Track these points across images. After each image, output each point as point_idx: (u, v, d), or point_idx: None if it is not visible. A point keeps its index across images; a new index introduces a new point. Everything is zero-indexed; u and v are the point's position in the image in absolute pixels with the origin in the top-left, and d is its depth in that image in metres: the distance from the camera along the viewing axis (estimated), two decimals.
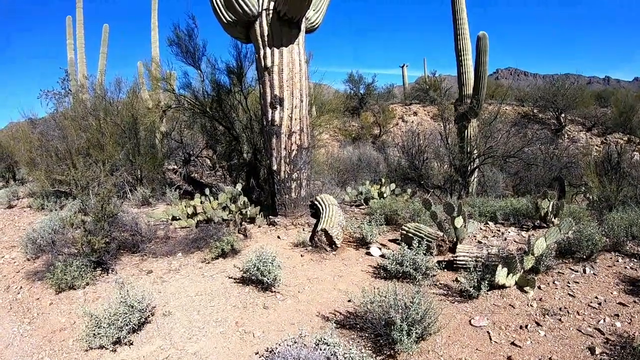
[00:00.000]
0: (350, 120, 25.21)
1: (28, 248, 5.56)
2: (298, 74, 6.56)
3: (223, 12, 6.55)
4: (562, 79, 24.54)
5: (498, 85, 30.98)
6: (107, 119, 9.60)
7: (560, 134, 21.56)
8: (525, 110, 24.46)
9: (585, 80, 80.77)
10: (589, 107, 23.50)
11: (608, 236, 5.30)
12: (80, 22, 19.05)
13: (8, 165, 12.83)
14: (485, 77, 10.72)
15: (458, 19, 11.42)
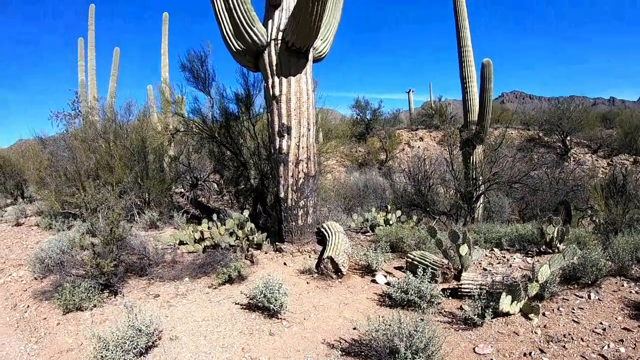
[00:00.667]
0: (356, 146, 25.42)
1: (36, 267, 5.63)
2: (305, 103, 6.71)
3: (233, 41, 6.73)
4: (567, 101, 24.68)
5: (503, 110, 31.20)
6: (117, 141, 9.76)
7: (566, 157, 21.56)
8: (531, 134, 24.54)
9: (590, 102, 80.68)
10: (594, 129, 23.51)
11: (613, 260, 5.29)
12: (91, 44, 19.57)
13: (17, 183, 13.01)
14: (490, 104, 10.86)
15: (463, 47, 11.63)
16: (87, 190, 8.08)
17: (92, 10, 19.77)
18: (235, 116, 9.55)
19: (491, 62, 10.67)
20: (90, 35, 19.63)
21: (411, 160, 11.75)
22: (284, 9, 6.69)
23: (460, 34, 11.62)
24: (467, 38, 11.57)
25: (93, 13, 19.82)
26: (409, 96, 34.46)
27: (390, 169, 20.44)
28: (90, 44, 19.56)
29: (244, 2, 6.44)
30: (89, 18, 19.65)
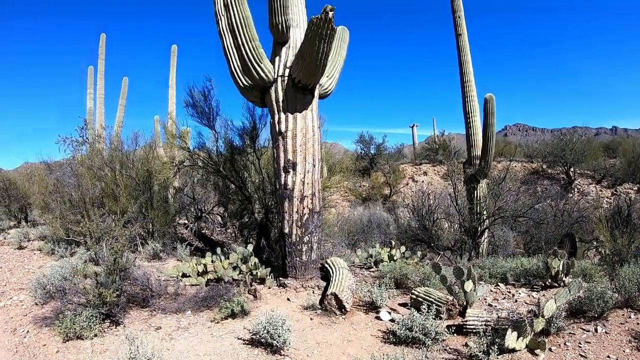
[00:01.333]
0: (360, 181, 25.49)
1: (37, 292, 5.63)
2: (311, 140, 6.81)
3: (240, 77, 6.88)
4: (570, 132, 24.82)
5: (507, 143, 31.36)
6: (123, 171, 9.87)
7: (570, 188, 21.52)
8: (535, 167, 24.58)
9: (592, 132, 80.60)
10: (597, 159, 23.52)
11: (619, 292, 5.25)
12: (101, 73, 19.99)
13: (21, 206, 13.06)
14: (493, 139, 10.95)
15: (465, 82, 11.82)
16: (91, 218, 8.12)
17: (102, 39, 20.28)
18: (240, 150, 9.66)
19: (494, 97, 10.81)
20: (100, 64, 20.08)
21: (415, 194, 11.75)
22: (291, 47, 6.87)
23: (463, 69, 11.82)
24: (469, 73, 11.75)
25: (104, 42, 20.32)
26: (412, 131, 34.75)
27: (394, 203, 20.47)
28: (100, 73, 19.99)
29: (252, 39, 6.63)
30: (100, 47, 20.15)
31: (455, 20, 11.96)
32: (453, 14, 12.01)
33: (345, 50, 7.62)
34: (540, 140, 31.34)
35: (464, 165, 12.19)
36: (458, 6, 11.95)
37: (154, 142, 13.87)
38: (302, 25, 7.06)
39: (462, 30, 11.82)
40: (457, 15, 11.91)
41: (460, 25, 11.86)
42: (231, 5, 6.68)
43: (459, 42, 11.89)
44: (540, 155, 24.68)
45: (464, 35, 11.79)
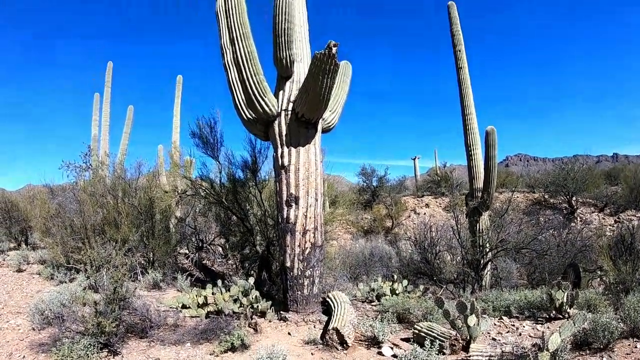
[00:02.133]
0: (362, 213, 25.50)
1: (35, 318, 5.58)
2: (314, 174, 6.86)
3: (244, 110, 6.97)
4: (571, 161, 24.77)
5: (508, 174, 31.40)
6: (125, 199, 9.89)
7: (573, 217, 21.46)
8: (537, 197, 24.54)
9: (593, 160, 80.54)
10: (599, 187, 23.46)
11: (625, 322, 5.22)
12: (107, 100, 20.21)
13: (22, 229, 13.03)
14: (494, 171, 11.01)
15: (466, 115, 11.95)
16: (92, 245, 8.10)
17: (109, 67, 20.57)
18: (243, 182, 9.72)
19: (495, 130, 10.90)
20: (106, 92, 20.31)
21: (417, 227, 11.74)
22: (295, 81, 7.00)
23: (464, 102, 11.95)
24: (470, 105, 11.88)
25: (110, 70, 20.60)
26: (414, 163, 34.84)
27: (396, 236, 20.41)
28: (106, 100, 20.20)
29: (257, 73, 6.75)
30: (106, 74, 20.43)
31: (455, 54, 12.18)
32: (454, 47, 12.23)
33: (347, 85, 7.76)
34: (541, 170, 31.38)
35: (466, 197, 12.20)
36: (458, 40, 12.19)
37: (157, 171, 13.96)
38: (306, 59, 7.22)
39: (462, 64, 12.02)
40: (457, 49, 12.13)
41: (460, 58, 12.06)
42: (237, 40, 6.85)
43: (460, 75, 12.06)
44: (542, 185, 24.66)
45: (464, 69, 11.97)
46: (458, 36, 12.22)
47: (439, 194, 27.34)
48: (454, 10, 12.40)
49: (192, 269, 10.80)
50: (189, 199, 11.14)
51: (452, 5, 12.43)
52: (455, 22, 12.31)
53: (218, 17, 7.30)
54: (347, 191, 27.88)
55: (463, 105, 11.97)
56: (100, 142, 19.72)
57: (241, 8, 6.94)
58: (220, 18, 7.21)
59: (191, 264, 11.31)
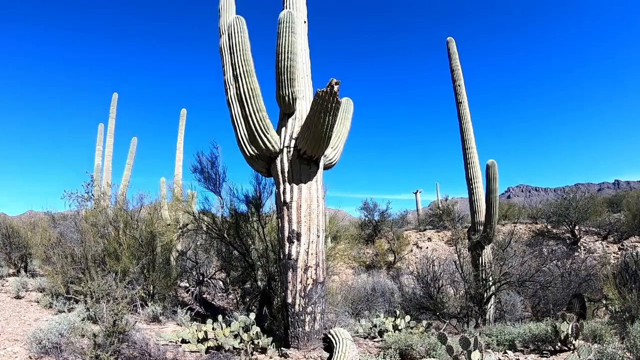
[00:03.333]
0: (364, 248, 25.44)
1: (33, 346, 5.51)
2: (315, 210, 6.87)
3: (247, 146, 7.03)
4: (573, 190, 24.83)
5: (510, 205, 31.39)
6: (126, 230, 9.89)
7: (576, 246, 21.35)
8: (539, 228, 24.46)
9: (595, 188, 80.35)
10: (602, 215, 23.40)
11: (631, 351, 5.14)
12: (111, 131, 20.37)
13: (22, 255, 12.97)
14: (496, 204, 11.00)
15: (467, 149, 12.02)
16: (93, 276, 8.05)
17: (114, 98, 20.81)
18: (245, 217, 9.74)
19: (495, 163, 10.95)
20: (110, 123, 20.47)
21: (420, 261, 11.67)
22: (297, 118, 7.08)
23: (464, 136, 12.04)
24: (471, 140, 11.96)
25: (115, 101, 20.83)
26: (416, 197, 34.94)
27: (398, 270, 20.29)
28: (110, 131, 20.33)
29: (260, 110, 6.84)
30: (111, 105, 20.64)
31: (455, 89, 12.33)
32: (453, 82, 12.40)
33: (349, 121, 7.85)
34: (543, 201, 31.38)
35: (468, 231, 12.16)
36: (458, 75, 12.37)
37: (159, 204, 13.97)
38: (308, 97, 7.33)
39: (462, 99, 12.16)
40: (457, 84, 12.30)
41: (460, 93, 12.22)
42: (240, 76, 6.97)
43: (460, 110, 12.19)
44: (545, 215, 24.63)
45: (464, 103, 12.11)
46: (457, 71, 12.42)
47: (441, 227, 27.32)
48: (452, 45, 12.63)
49: (192, 302, 10.71)
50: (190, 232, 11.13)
51: (451, 41, 12.67)
52: (454, 58, 12.52)
53: (222, 53, 7.47)
54: (349, 226, 27.85)
55: (463, 139, 12.06)
56: (103, 173, 19.81)
57: (245, 45, 7.09)
58: (225, 54, 7.37)
59: (191, 297, 11.22)
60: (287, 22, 6.90)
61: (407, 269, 18.19)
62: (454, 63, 12.50)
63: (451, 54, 12.60)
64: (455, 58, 12.51)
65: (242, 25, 7.15)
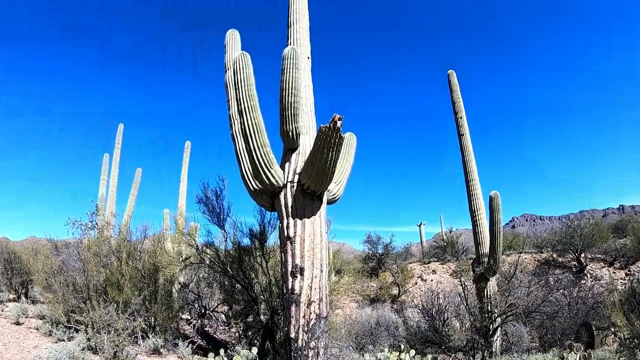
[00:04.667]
0: (368, 281, 25.31)
1: None
2: (319, 245, 6.86)
3: (251, 181, 7.06)
4: (577, 218, 24.72)
5: (515, 235, 31.16)
6: (129, 261, 9.91)
7: (583, 274, 21.12)
8: (545, 257, 24.26)
9: (600, 214, 79.51)
10: (607, 241, 23.15)
11: None
12: (116, 162, 20.55)
13: (23, 281, 12.89)
14: (500, 235, 10.95)
15: (470, 180, 12.02)
16: (94, 306, 8.00)
17: (120, 129, 21.05)
18: (248, 251, 9.74)
19: (498, 194, 10.94)
20: (115, 153, 20.68)
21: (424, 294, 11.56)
22: (301, 153, 7.14)
23: (467, 167, 12.06)
24: (473, 172, 11.97)
25: (121, 132, 21.06)
26: (420, 229, 34.87)
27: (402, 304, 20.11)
28: (115, 161, 20.52)
29: (264, 145, 6.89)
30: (117, 136, 20.87)
31: (457, 121, 12.41)
32: (455, 115, 12.49)
33: (352, 156, 7.90)
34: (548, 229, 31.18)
35: (472, 263, 12.06)
36: (459, 107, 12.47)
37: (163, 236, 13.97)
38: (312, 132, 7.41)
39: (464, 131, 12.24)
40: (458, 116, 12.39)
41: (462, 125, 12.30)
42: (245, 111, 7.04)
43: (462, 142, 12.24)
44: (550, 244, 24.46)
45: (466, 135, 12.18)
46: (459, 103, 12.53)
47: (445, 260, 27.16)
48: (453, 78, 12.78)
49: (194, 335, 10.63)
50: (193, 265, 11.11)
51: (452, 74, 12.83)
52: (456, 90, 12.65)
53: (227, 88, 7.59)
54: (353, 259, 27.84)
55: (466, 170, 12.08)
56: (107, 202, 19.89)
57: (250, 81, 7.18)
58: (230, 89, 7.49)
59: (193, 330, 11.14)
60: (291, 58, 7.01)
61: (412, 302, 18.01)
62: (455, 95, 12.63)
63: (452, 87, 12.74)
64: (456, 90, 12.64)
65: (247, 61, 7.27)
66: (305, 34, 8.29)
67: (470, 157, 12.13)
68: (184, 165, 20.40)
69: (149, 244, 11.49)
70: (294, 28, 8.24)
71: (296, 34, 8.18)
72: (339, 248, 25.54)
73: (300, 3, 8.47)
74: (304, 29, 8.30)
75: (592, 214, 28.02)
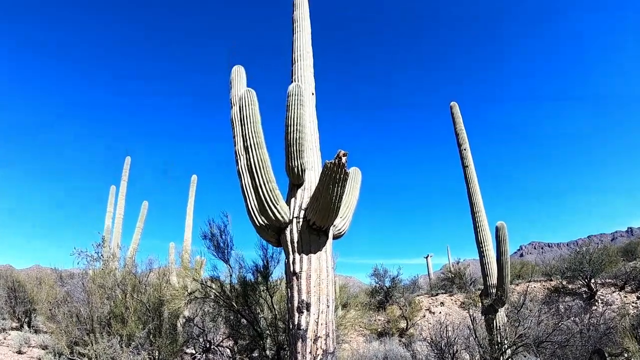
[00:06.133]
0: (375, 315, 25.10)
1: None
2: (325, 280, 6.83)
3: (257, 216, 7.09)
4: (586, 243, 24.37)
5: (523, 264, 30.90)
6: (134, 294, 9.86)
7: (594, 300, 20.80)
8: (554, 285, 23.94)
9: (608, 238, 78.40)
10: (617, 265, 22.86)
11: None
12: (122, 194, 20.72)
13: (26, 310, 12.79)
14: (507, 266, 10.89)
15: (476, 212, 12.04)
16: (98, 339, 7.93)
17: (127, 162, 21.24)
18: (253, 286, 9.72)
19: (505, 225, 10.93)
20: (122, 186, 20.85)
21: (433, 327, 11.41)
22: (306, 188, 7.18)
23: (472, 199, 12.09)
24: (479, 203, 11.99)
25: (128, 165, 21.25)
26: (427, 261, 34.78)
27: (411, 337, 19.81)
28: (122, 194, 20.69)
29: (270, 181, 6.94)
30: (124, 169, 21.07)
31: (461, 153, 12.50)
32: (459, 146, 12.58)
33: (357, 191, 7.94)
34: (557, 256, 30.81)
35: (480, 295, 11.95)
36: (463, 139, 12.57)
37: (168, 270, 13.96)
38: (317, 168, 7.47)
39: (468, 162, 12.31)
40: (462, 147, 12.49)
41: (466, 157, 12.38)
42: (251, 148, 7.11)
43: (467, 174, 12.30)
44: (559, 271, 24.12)
45: (470, 167, 12.24)
46: (462, 135, 12.63)
47: (454, 291, 26.94)
48: (456, 110, 12.92)
49: None
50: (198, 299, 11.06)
51: (455, 106, 12.97)
52: (459, 122, 12.77)
53: (233, 124, 7.70)
54: (359, 292, 27.71)
55: (471, 202, 12.11)
56: (113, 234, 19.97)
57: (255, 118, 7.29)
58: (235, 125, 7.60)
59: None
60: (295, 95, 7.13)
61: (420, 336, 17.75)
62: (458, 127, 12.74)
63: (455, 118, 12.87)
64: (459, 122, 12.76)
65: (253, 97, 7.39)
66: (309, 70, 8.44)
67: (476, 188, 12.16)
68: (190, 199, 20.54)
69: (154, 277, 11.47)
70: (298, 65, 8.40)
71: (300, 71, 8.33)
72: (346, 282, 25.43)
73: (304, 40, 8.67)
74: (308, 65, 8.45)
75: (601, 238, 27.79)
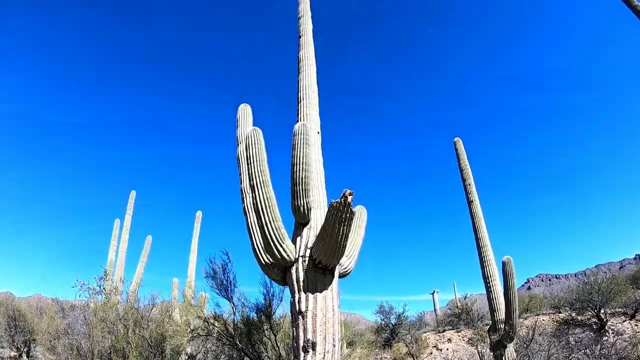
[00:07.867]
0: (381, 352, 24.80)
1: None
2: (331, 319, 6.78)
3: (262, 255, 7.06)
4: (594, 273, 24.09)
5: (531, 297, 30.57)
6: (136, 330, 9.76)
7: (604, 330, 20.42)
8: (563, 317, 23.60)
9: (616, 266, 77.57)
10: (626, 293, 22.50)
11: None
12: (126, 228, 20.74)
13: (26, 340, 12.62)
14: (515, 301, 10.77)
15: (482, 247, 12.01)
16: None
17: (132, 196, 21.33)
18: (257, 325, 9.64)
19: (511, 259, 10.86)
20: (127, 220, 20.91)
21: None
22: (312, 227, 7.20)
23: (478, 234, 12.10)
24: (484, 238, 11.98)
25: (133, 199, 21.34)
26: (433, 297, 34.58)
27: None
28: (126, 228, 20.74)
29: (275, 220, 6.96)
30: (129, 203, 21.15)
31: (465, 188, 12.57)
32: (463, 182, 12.66)
33: (363, 229, 7.95)
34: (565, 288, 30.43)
35: (488, 330, 11.79)
36: (467, 174, 12.65)
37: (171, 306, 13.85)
38: (323, 206, 7.52)
39: (473, 197, 12.35)
40: (467, 182, 12.56)
41: (471, 192, 12.43)
42: (257, 186, 7.16)
43: (472, 209, 12.34)
44: (567, 303, 23.78)
45: (475, 202, 12.28)
46: (466, 170, 12.72)
47: (461, 327, 26.58)
48: (460, 145, 13.02)
49: None
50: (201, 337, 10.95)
51: (458, 142, 13.08)
52: (463, 157, 12.88)
53: (239, 162, 7.75)
54: (365, 330, 27.39)
55: (477, 237, 12.10)
56: (116, 268, 19.94)
57: (261, 157, 7.37)
58: (242, 164, 7.65)
59: None
60: (301, 134, 7.23)
61: None
62: (462, 163, 12.83)
63: (459, 154, 12.97)
64: (463, 158, 12.86)
65: (259, 136, 7.49)
66: (314, 109, 8.58)
67: (481, 223, 12.16)
68: (195, 235, 20.54)
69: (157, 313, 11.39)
70: (304, 103, 8.55)
71: (305, 109, 8.47)
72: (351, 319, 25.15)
73: (310, 79, 8.82)
74: (313, 104, 8.60)
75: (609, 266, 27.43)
